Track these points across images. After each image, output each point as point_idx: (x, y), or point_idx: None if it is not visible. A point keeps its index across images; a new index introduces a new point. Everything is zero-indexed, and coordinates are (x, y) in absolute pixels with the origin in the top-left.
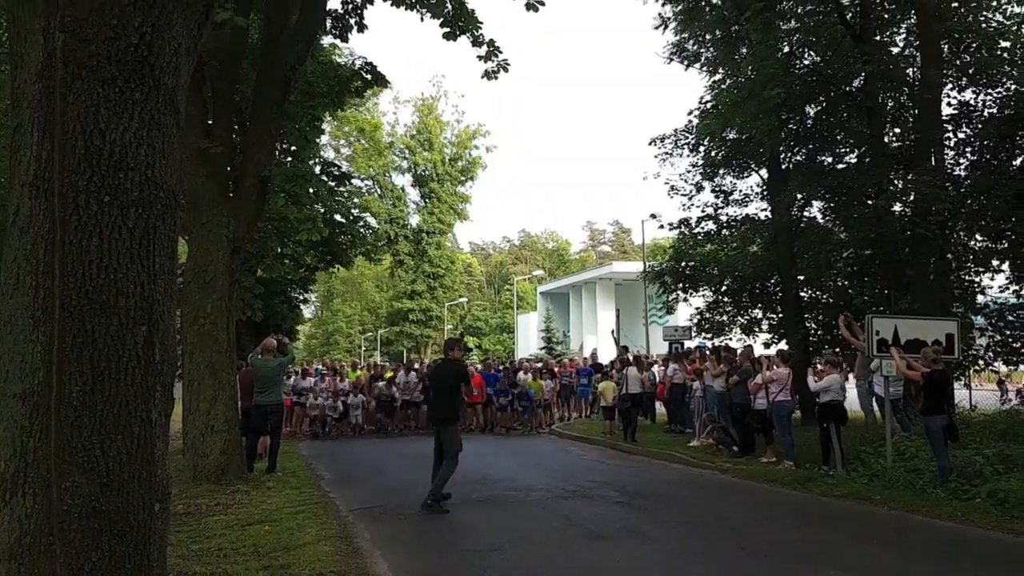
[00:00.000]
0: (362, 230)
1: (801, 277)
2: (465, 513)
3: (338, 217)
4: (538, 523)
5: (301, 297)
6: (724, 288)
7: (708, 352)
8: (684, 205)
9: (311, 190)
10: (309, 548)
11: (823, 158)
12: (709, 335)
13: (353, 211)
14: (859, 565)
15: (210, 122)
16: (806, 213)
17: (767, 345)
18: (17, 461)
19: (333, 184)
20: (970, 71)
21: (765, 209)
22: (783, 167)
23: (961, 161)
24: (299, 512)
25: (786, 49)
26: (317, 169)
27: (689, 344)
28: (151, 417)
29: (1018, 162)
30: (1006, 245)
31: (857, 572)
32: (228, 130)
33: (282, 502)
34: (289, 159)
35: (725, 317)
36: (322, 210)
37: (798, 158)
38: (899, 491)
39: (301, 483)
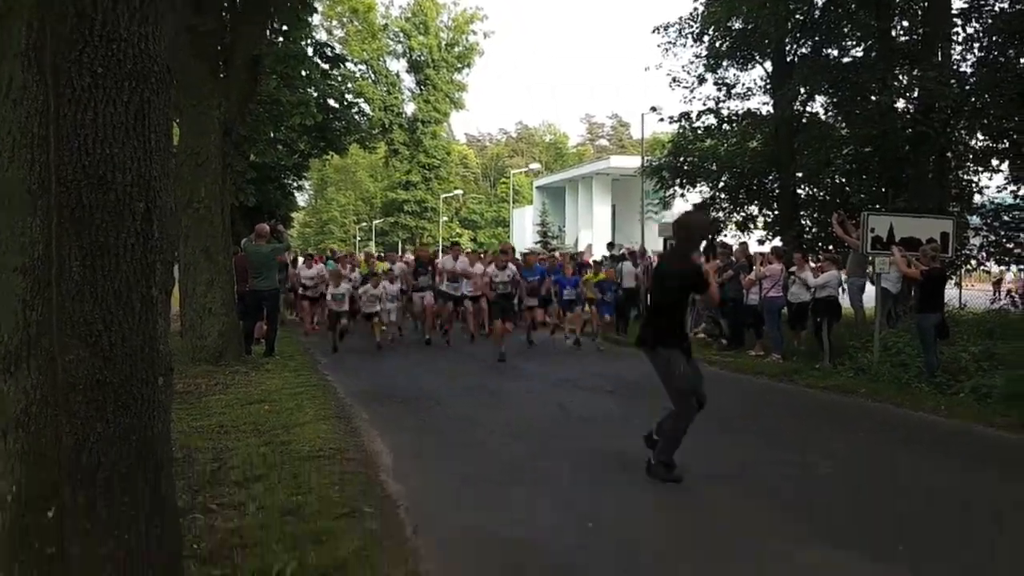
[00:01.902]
0: (356, 117)
1: (799, 174)
2: (464, 397)
3: (332, 102)
4: (533, 409)
5: (295, 184)
6: (722, 184)
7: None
8: (685, 98)
9: (304, 72)
10: (308, 427)
11: (829, 51)
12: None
13: (347, 96)
14: (841, 452)
15: None
16: (808, 108)
17: (761, 242)
18: (20, 334)
19: (326, 67)
20: None
21: (767, 103)
22: (788, 60)
23: (968, 57)
24: (298, 393)
25: None
26: (310, 51)
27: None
28: (151, 293)
29: None
30: (1007, 145)
31: (839, 459)
32: (218, 7)
33: (280, 384)
34: (280, 39)
35: (721, 214)
36: (315, 94)
37: (803, 51)
38: (884, 385)
39: (299, 367)
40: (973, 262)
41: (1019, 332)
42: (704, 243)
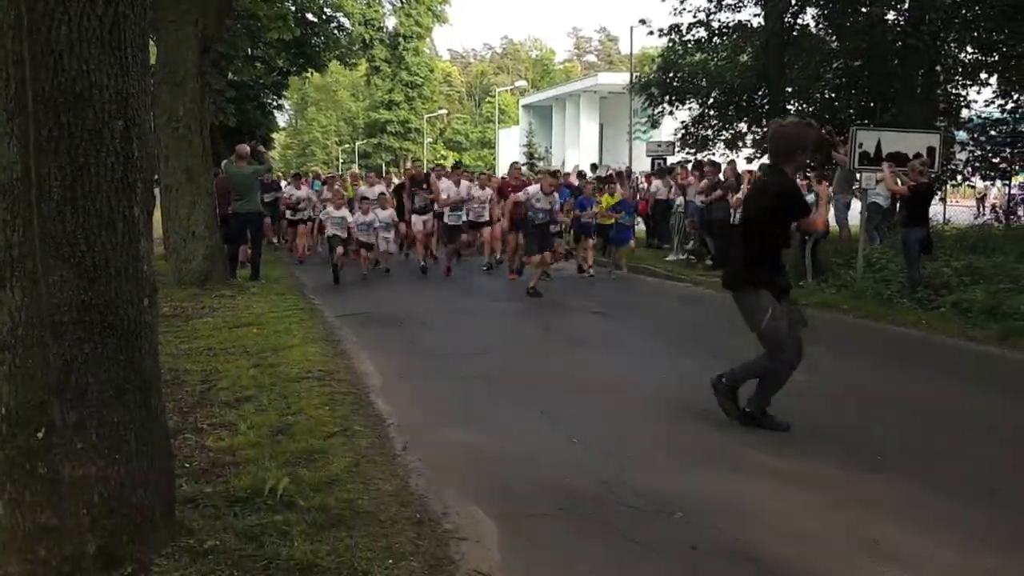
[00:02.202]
0: (336, 32)
1: (789, 89)
2: (450, 320)
3: (310, 16)
4: (519, 331)
5: (275, 103)
6: (711, 101)
7: (691, 168)
8: (675, 10)
9: None
10: (297, 349)
11: None
12: (693, 150)
13: (326, 10)
14: (821, 367)
15: None
16: (799, 21)
17: (749, 160)
18: (2, 255)
19: None
20: None
21: (758, 15)
22: None
23: None
24: (285, 317)
25: None
26: None
27: (671, 160)
28: (133, 213)
29: None
30: (996, 58)
31: (819, 373)
32: None
33: (267, 307)
34: None
35: (710, 131)
36: (292, 8)
37: None
38: (867, 301)
39: (285, 290)
40: (959, 177)
41: (1001, 247)
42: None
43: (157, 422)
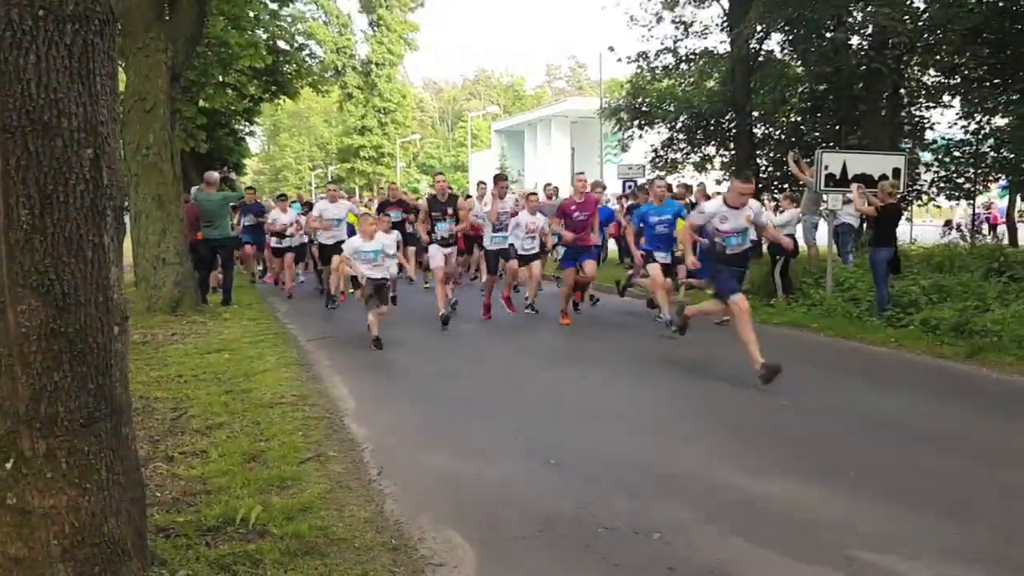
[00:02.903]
0: (308, 59)
1: (756, 113)
2: (427, 341)
3: (281, 44)
4: (495, 352)
5: (246, 129)
6: (679, 125)
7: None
8: (643, 37)
9: (252, 13)
10: (269, 374)
11: None
12: (663, 172)
13: (297, 38)
14: (794, 386)
15: None
16: (765, 47)
17: (719, 182)
18: None
19: (275, 7)
20: None
21: (724, 42)
22: None
23: None
24: (258, 341)
25: None
26: None
27: (641, 181)
28: (103, 241)
29: None
30: (958, 80)
31: (792, 392)
32: None
33: (240, 332)
34: None
35: (679, 154)
36: (264, 36)
37: None
38: (836, 319)
39: (258, 315)
40: (924, 197)
41: (967, 265)
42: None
43: (128, 451)
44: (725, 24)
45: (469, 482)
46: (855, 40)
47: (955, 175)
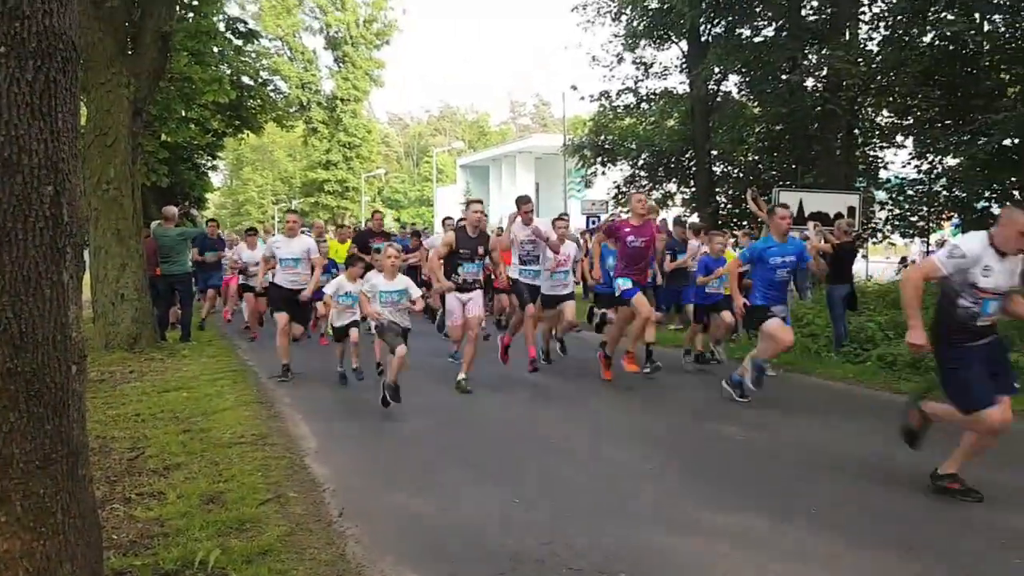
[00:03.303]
0: (272, 94)
1: (714, 152)
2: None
3: (246, 79)
4: (450, 387)
5: (209, 164)
6: (641, 162)
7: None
8: (605, 77)
9: (216, 49)
10: (229, 413)
11: (742, 31)
12: (626, 208)
13: (262, 73)
14: (753, 421)
15: None
16: (723, 87)
17: (679, 218)
18: None
19: (240, 43)
20: None
21: (684, 82)
22: (702, 39)
23: (874, 36)
24: (217, 379)
25: None
26: (222, 26)
27: (604, 217)
28: (62, 279)
29: (928, 38)
30: (911, 121)
31: (752, 427)
32: None
33: (199, 370)
34: (191, 14)
35: (641, 191)
36: (228, 71)
37: (717, 30)
38: (795, 355)
39: (218, 352)
40: (879, 235)
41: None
42: None
43: (84, 493)
44: (684, 66)
45: (433, 522)
46: (810, 82)
47: (909, 213)
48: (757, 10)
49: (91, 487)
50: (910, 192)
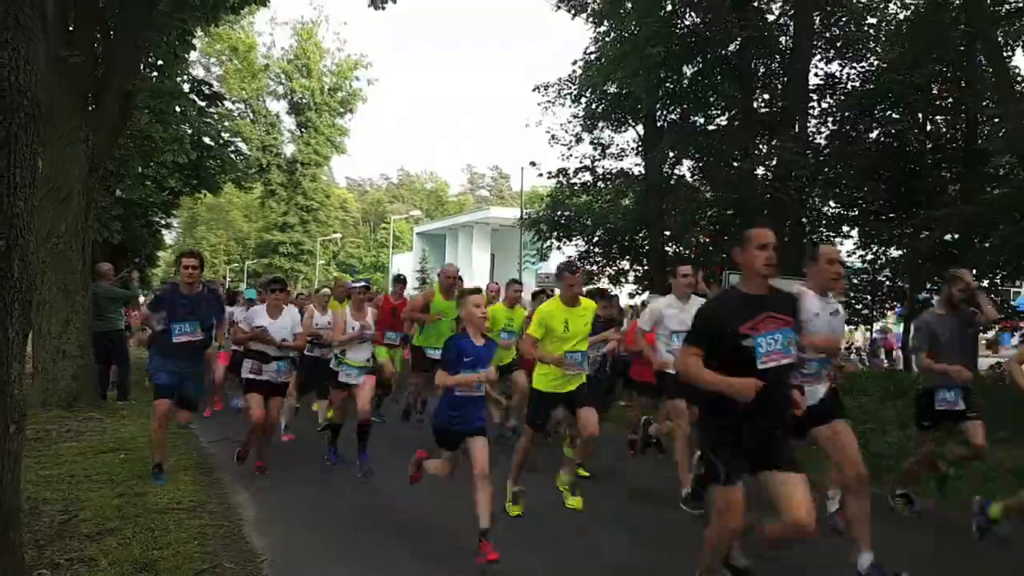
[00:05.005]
0: (232, 156)
1: (667, 232)
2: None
3: (207, 140)
4: (405, 461)
5: (163, 222)
6: (596, 239)
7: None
8: (563, 155)
9: (178, 108)
10: (167, 477)
11: (696, 118)
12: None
13: (224, 135)
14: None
15: (71, 28)
16: (677, 171)
17: (632, 295)
18: None
19: (203, 104)
20: (838, 44)
21: (639, 164)
22: (658, 124)
23: (822, 130)
24: None
25: (669, 7)
26: (186, 87)
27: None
28: (7, 335)
29: (874, 134)
30: (856, 213)
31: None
32: (90, 38)
33: (137, 431)
34: (155, 74)
35: (595, 267)
36: (189, 131)
37: (672, 117)
38: None
39: None
40: None
41: (865, 389)
42: None
43: (13, 558)
44: (640, 148)
45: None
46: (760, 170)
47: (854, 301)
48: (711, 100)
49: (20, 552)
50: (855, 281)
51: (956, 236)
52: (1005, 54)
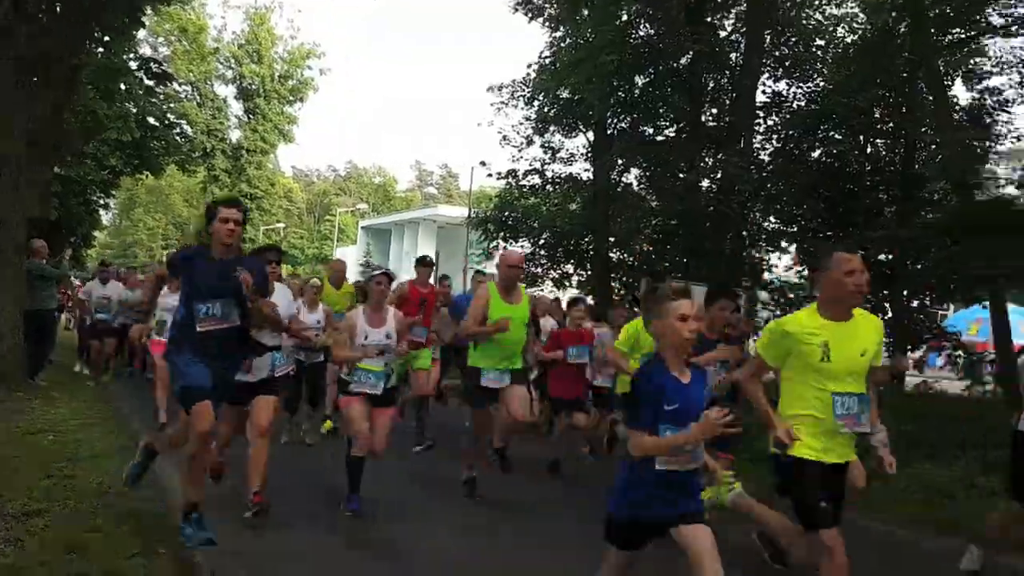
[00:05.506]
0: (177, 138)
1: (612, 239)
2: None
3: (152, 120)
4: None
5: (101, 201)
6: (542, 242)
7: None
8: (514, 157)
9: (123, 86)
10: (97, 460)
11: (645, 128)
12: (524, 284)
13: (169, 116)
14: None
15: None
16: (624, 179)
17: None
18: None
19: (151, 83)
20: (786, 63)
21: (588, 170)
22: (608, 132)
23: (767, 147)
24: (88, 425)
25: (624, 17)
26: (134, 65)
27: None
28: None
29: (816, 154)
30: (795, 229)
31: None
32: (36, 9)
33: (68, 414)
34: (101, 49)
35: (540, 269)
36: (134, 110)
37: (622, 125)
38: None
39: (91, 397)
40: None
41: None
42: None
43: None
44: (589, 155)
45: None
46: (705, 183)
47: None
48: (661, 111)
49: None
50: (791, 295)
51: (891, 257)
52: (945, 83)
